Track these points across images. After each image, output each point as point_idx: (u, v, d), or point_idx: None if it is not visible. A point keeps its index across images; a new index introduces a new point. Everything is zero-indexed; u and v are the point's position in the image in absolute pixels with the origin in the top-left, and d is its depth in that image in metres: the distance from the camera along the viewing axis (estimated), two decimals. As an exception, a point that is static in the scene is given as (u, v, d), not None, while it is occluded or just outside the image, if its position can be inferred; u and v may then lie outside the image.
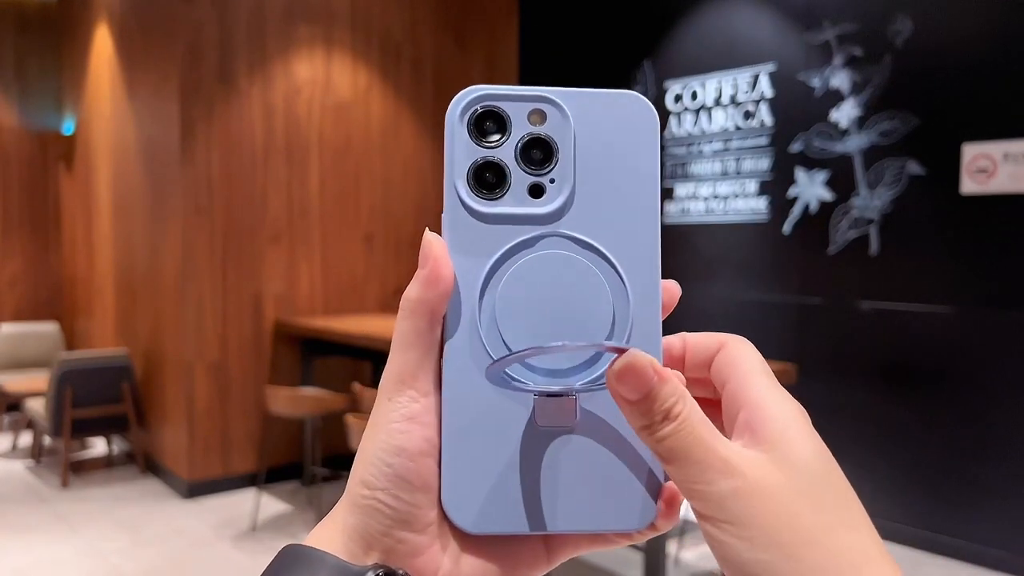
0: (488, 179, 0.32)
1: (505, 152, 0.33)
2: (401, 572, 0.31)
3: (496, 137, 0.33)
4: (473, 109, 0.33)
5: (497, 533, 0.32)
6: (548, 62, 5.47)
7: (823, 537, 0.28)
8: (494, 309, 0.32)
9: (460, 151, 0.32)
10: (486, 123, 0.33)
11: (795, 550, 0.28)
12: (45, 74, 6.42)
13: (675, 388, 0.29)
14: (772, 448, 0.30)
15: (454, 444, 0.32)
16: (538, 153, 0.33)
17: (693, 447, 0.29)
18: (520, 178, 0.33)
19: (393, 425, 0.32)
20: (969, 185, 3.51)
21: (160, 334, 4.63)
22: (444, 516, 0.32)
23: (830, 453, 0.30)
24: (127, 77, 5.02)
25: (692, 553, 3.59)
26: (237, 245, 4.49)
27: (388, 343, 0.38)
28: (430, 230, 0.32)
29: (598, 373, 0.32)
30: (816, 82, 4.03)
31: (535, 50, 5.57)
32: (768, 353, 3.50)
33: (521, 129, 0.33)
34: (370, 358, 4.45)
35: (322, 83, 4.78)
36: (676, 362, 0.34)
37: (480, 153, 0.32)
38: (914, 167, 3.70)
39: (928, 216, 3.66)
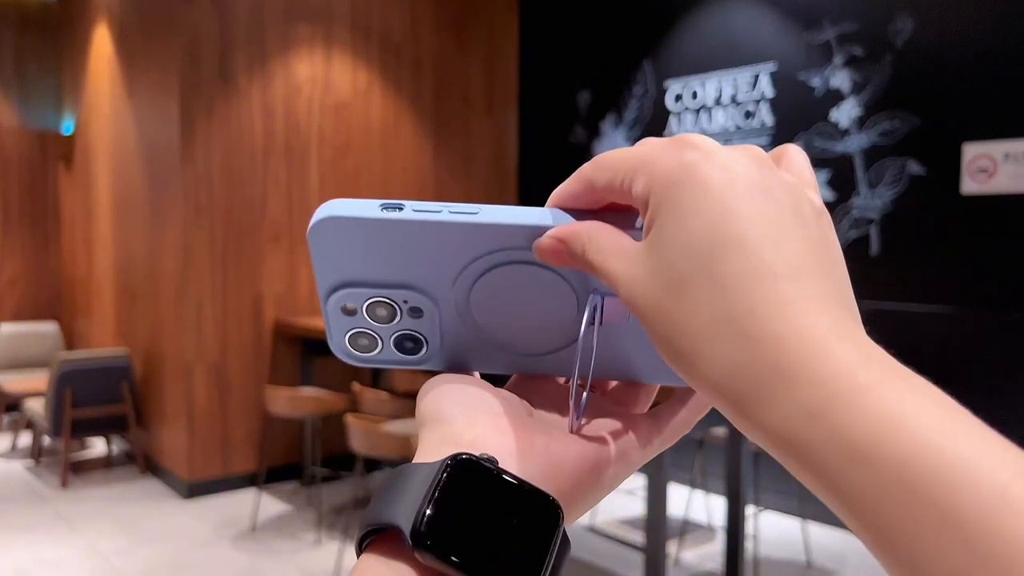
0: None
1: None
2: (483, 456, 0.30)
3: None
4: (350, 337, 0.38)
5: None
6: (548, 62, 5.47)
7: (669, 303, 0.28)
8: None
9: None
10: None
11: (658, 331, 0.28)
12: (45, 74, 6.42)
13: (576, 235, 0.31)
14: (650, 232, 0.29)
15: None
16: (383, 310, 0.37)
17: (603, 264, 0.31)
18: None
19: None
20: (969, 185, 3.51)
21: (160, 334, 4.63)
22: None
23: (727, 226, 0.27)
24: (127, 76, 5.02)
25: (692, 553, 3.59)
26: (237, 245, 4.49)
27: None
28: None
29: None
30: (816, 82, 4.02)
31: (535, 50, 5.56)
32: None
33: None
34: (370, 358, 4.44)
35: (322, 82, 4.78)
36: (590, 193, 0.33)
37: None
38: (914, 167, 3.69)
39: (928, 216, 3.66)
